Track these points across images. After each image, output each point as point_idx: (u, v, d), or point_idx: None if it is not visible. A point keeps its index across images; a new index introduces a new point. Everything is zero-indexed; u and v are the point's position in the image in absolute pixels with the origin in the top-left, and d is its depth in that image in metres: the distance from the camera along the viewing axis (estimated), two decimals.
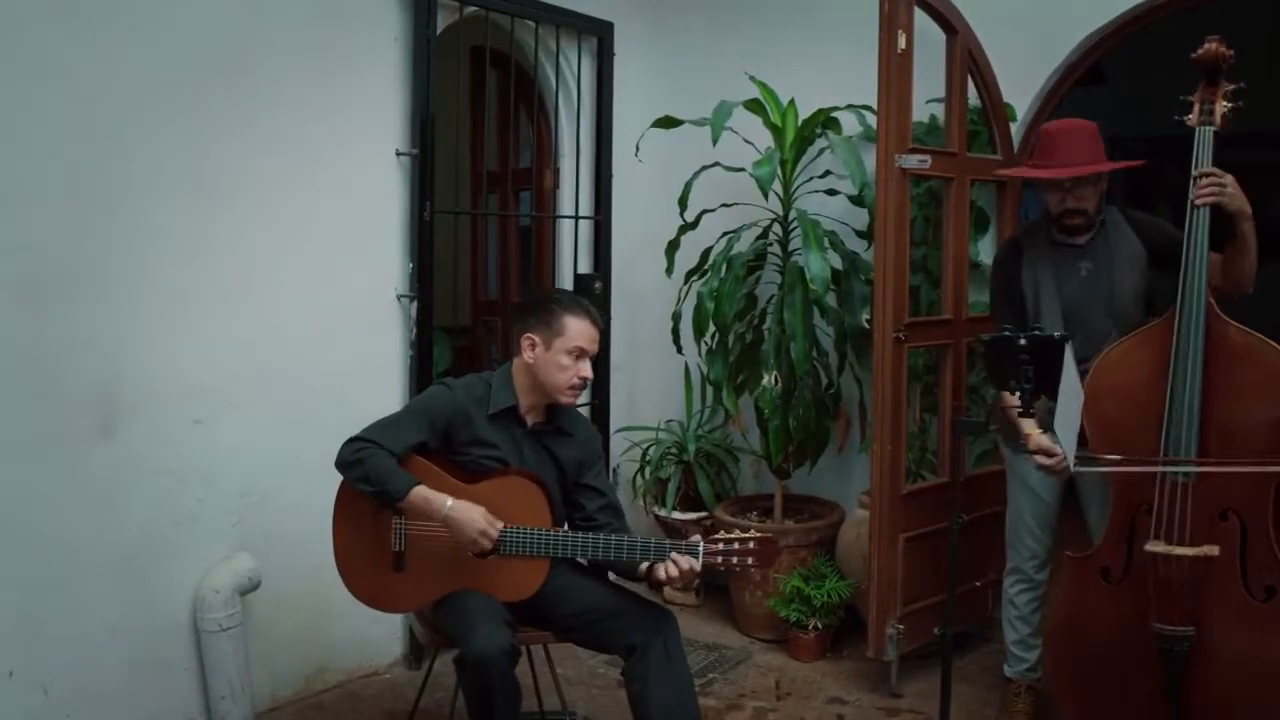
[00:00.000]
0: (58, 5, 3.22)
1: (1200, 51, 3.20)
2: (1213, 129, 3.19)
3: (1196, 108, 3.22)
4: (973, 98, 4.24)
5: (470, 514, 2.99)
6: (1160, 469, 3.10)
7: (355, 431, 3.08)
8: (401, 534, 3.10)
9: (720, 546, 3.02)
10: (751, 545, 3.02)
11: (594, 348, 3.17)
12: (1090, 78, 4.91)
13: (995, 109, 4.30)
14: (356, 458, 3.01)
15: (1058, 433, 2.79)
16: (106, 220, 3.36)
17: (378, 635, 4.13)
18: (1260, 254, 3.26)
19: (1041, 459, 3.21)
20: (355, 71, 3.98)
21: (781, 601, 4.42)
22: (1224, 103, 3.19)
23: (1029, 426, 3.14)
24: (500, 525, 3.02)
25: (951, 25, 4.07)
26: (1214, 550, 3.07)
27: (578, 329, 3.12)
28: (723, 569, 3.08)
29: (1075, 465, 2.96)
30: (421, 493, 3.00)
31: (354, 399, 3.92)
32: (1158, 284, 3.53)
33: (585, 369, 3.15)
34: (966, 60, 4.12)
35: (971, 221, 4.26)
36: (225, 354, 3.67)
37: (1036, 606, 3.74)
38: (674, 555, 3.00)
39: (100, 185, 3.34)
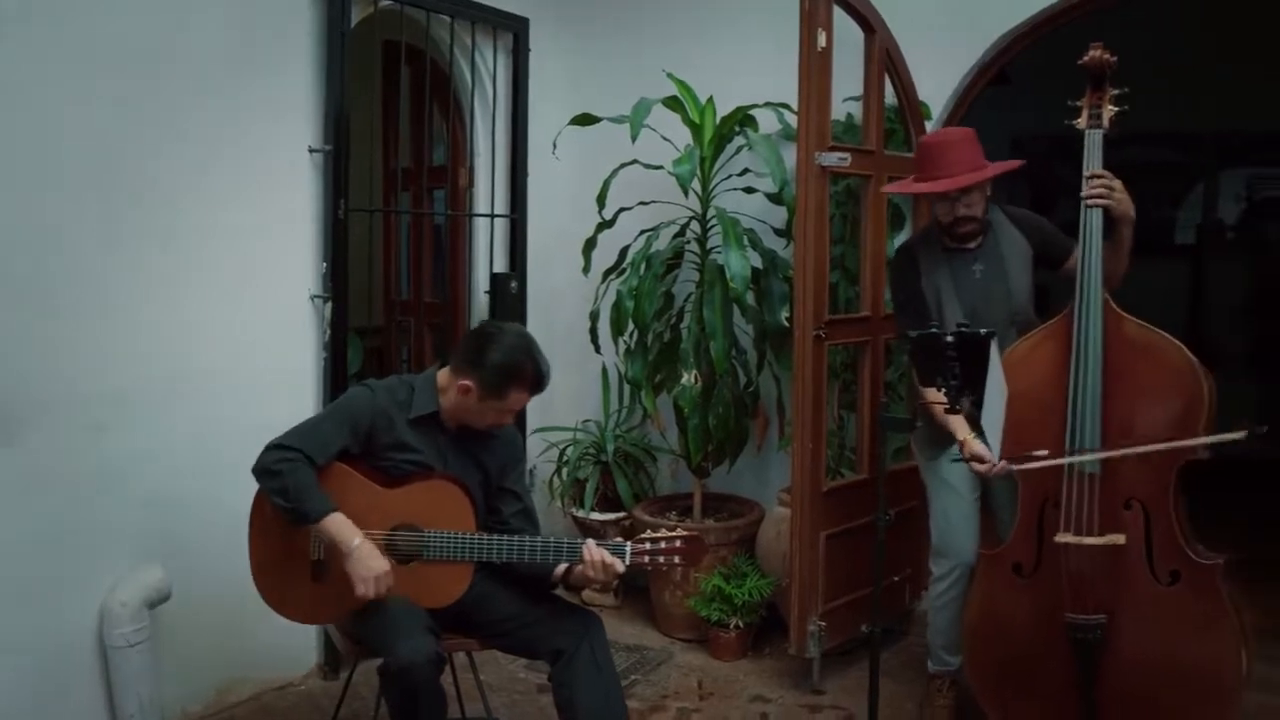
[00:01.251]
0: None
1: (1086, 58, 3.32)
2: (1101, 132, 3.32)
3: (1085, 112, 3.35)
4: (889, 96, 4.27)
5: (374, 560, 2.91)
6: (1097, 457, 3.15)
7: (270, 436, 2.98)
8: (320, 542, 3.00)
9: (647, 546, 2.99)
10: (678, 544, 2.99)
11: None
12: (996, 79, 5.00)
13: (911, 108, 4.33)
14: (277, 468, 2.90)
15: (985, 430, 2.82)
16: (6, 220, 3.21)
17: (292, 645, 4.03)
18: (1150, 252, 3.36)
19: (976, 466, 3.26)
20: (266, 65, 3.87)
21: (702, 601, 4.41)
22: (1111, 106, 3.32)
23: (964, 431, 3.18)
24: (385, 589, 2.92)
25: (870, 24, 4.09)
26: (1120, 539, 3.17)
27: (520, 400, 3.07)
28: (649, 569, 3.05)
29: (1010, 464, 3.01)
30: (334, 521, 2.90)
31: (266, 402, 3.81)
32: (1050, 281, 3.62)
33: (508, 419, 3.13)
34: (884, 59, 4.14)
35: (888, 219, 4.30)
36: (132, 357, 3.54)
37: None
38: (589, 543, 2.96)
39: (2, 186, 3.20)
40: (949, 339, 2.74)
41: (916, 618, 4.53)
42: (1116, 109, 3.32)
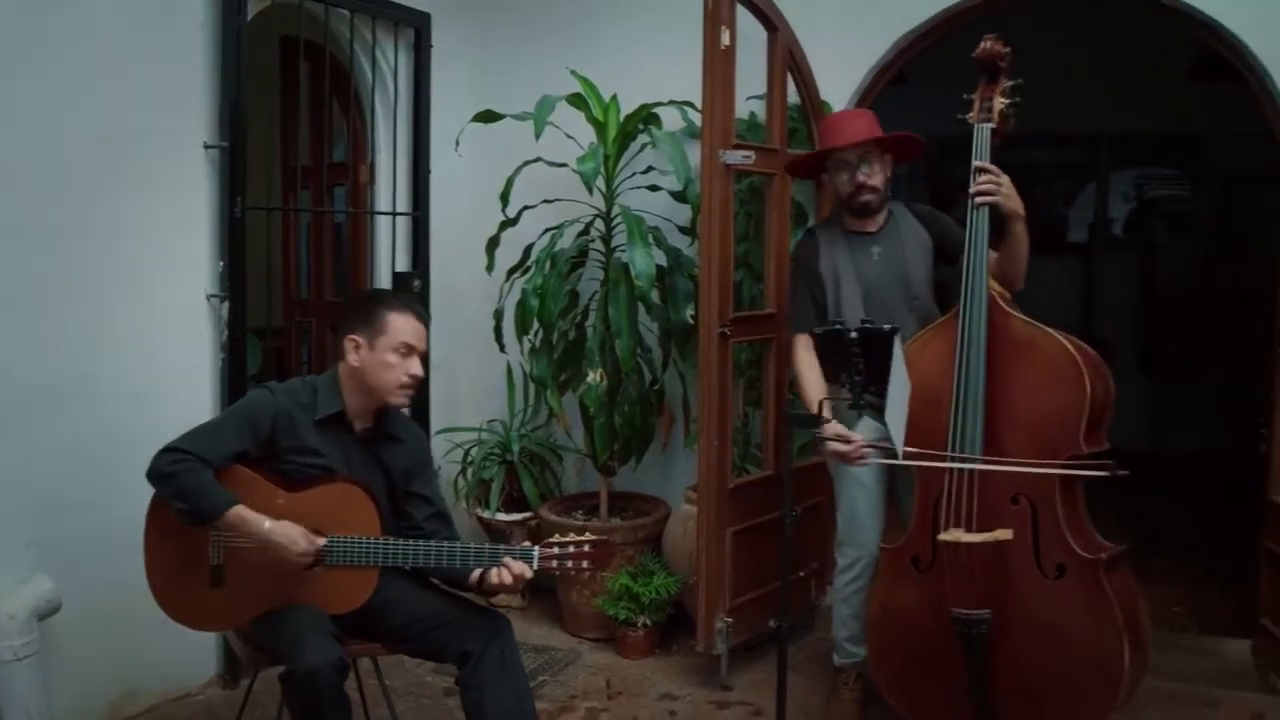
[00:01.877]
0: None
1: (978, 50, 3.34)
2: (990, 125, 3.33)
3: (976, 105, 3.36)
4: (792, 95, 4.30)
5: (290, 534, 2.86)
6: (968, 467, 3.18)
7: (167, 440, 2.90)
8: (220, 547, 2.93)
9: (555, 551, 2.97)
10: (587, 548, 2.97)
11: (422, 344, 3.07)
12: (895, 79, 5.06)
13: (814, 106, 4.37)
14: (170, 470, 2.82)
15: (888, 424, 2.84)
16: None
17: (190, 654, 3.92)
18: (1042, 250, 3.43)
19: (837, 445, 3.26)
20: (160, 58, 3.76)
21: (610, 600, 4.40)
22: (1002, 99, 3.33)
23: (826, 411, 3.20)
24: (322, 542, 2.89)
25: (772, 23, 4.11)
26: (1008, 534, 3.19)
27: (402, 324, 3.01)
28: (558, 574, 3.03)
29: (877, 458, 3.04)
30: (239, 513, 2.84)
31: (162, 405, 3.72)
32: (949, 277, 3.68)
33: (414, 366, 3.04)
34: (787, 58, 4.17)
35: (792, 216, 4.33)
36: (22, 361, 3.42)
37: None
38: (506, 560, 2.93)
39: None
40: (853, 334, 2.76)
41: (822, 613, 4.56)
42: (1008, 102, 3.34)
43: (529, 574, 2.94)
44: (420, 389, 4.74)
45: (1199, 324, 7.53)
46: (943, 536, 3.23)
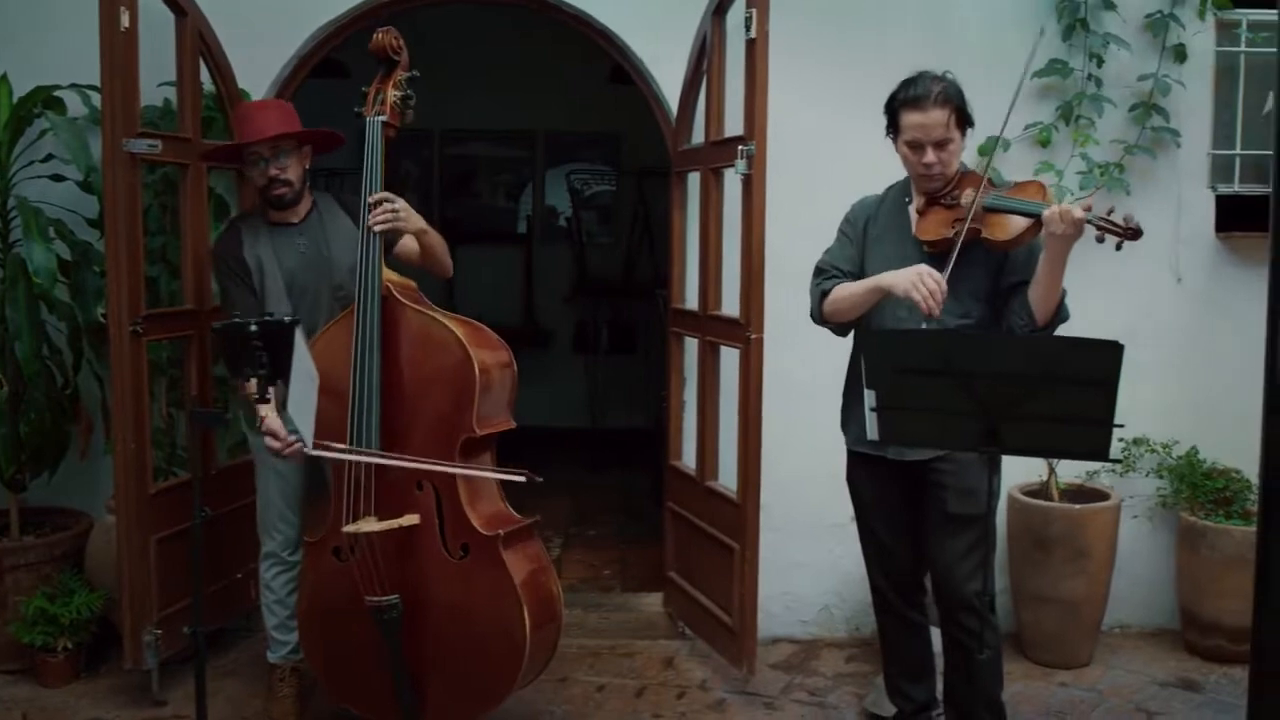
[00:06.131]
0: None
1: (371, 43, 3.39)
2: (383, 119, 3.39)
3: (370, 98, 3.42)
4: (207, 83, 4.16)
5: None
6: (391, 461, 3.25)
7: None
8: None
9: None
10: None
11: None
12: (334, 71, 5.04)
13: (230, 95, 4.25)
14: None
15: (293, 416, 2.84)
16: None
17: None
18: (491, 241, 3.60)
19: (271, 442, 3.27)
20: None
21: (24, 626, 4.06)
22: (395, 91, 3.40)
23: (264, 410, 3.17)
24: None
25: (180, 7, 3.96)
26: (414, 519, 3.32)
27: None
28: None
29: (312, 449, 3.03)
30: None
31: None
32: None
33: None
34: (197, 43, 4.03)
35: (212, 209, 4.22)
36: None
37: (293, 589, 3.79)
38: None
39: None
40: (253, 328, 2.73)
41: (261, 614, 4.48)
42: (401, 94, 3.40)
43: None
44: None
45: (625, 308, 8.18)
46: (346, 528, 3.29)
